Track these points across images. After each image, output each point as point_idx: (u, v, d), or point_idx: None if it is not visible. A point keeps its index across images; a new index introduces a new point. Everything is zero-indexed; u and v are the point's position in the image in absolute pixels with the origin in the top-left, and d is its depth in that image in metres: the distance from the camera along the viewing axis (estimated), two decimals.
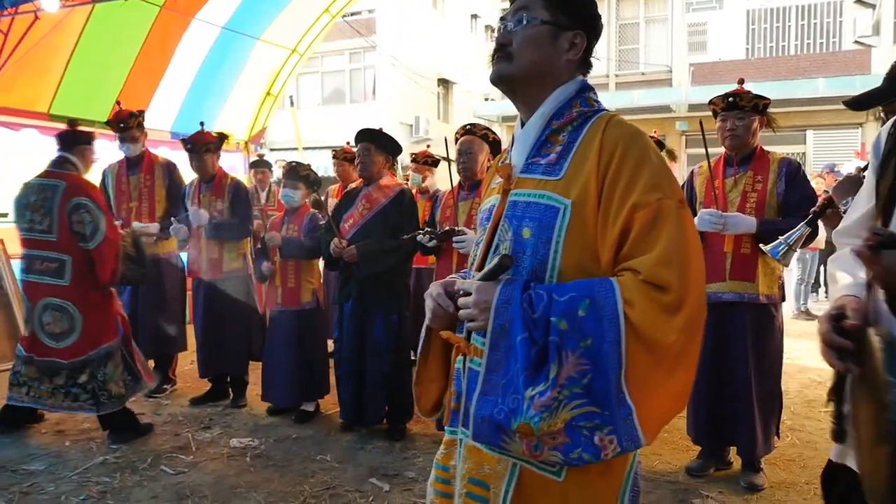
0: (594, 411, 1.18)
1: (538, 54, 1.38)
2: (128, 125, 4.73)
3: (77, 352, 3.81)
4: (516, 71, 1.39)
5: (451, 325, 1.47)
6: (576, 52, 1.40)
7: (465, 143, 3.69)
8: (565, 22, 1.39)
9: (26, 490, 3.27)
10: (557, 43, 1.39)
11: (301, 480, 3.40)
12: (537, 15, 1.38)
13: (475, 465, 1.37)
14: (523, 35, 1.39)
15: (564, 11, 1.39)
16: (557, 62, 1.40)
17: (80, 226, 3.76)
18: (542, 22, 1.38)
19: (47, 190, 3.81)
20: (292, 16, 7.69)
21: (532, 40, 1.38)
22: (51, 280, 3.81)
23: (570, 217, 1.29)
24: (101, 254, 3.79)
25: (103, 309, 3.93)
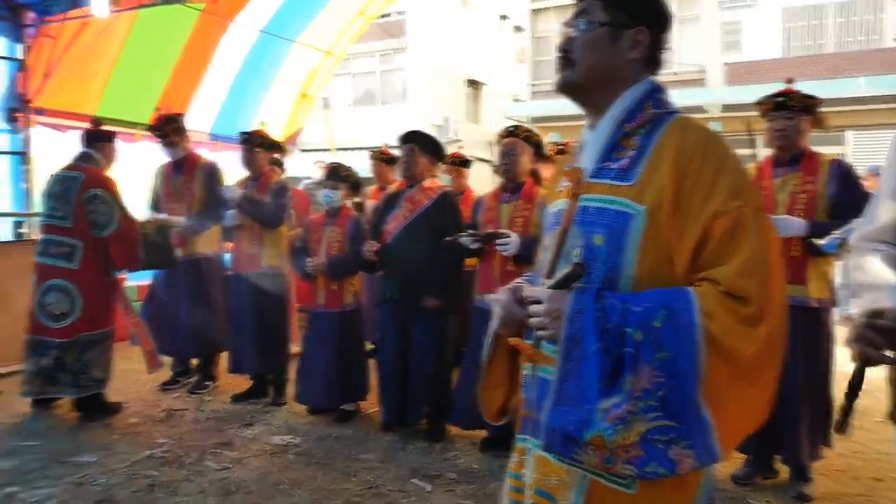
0: (670, 425, 1.16)
1: (598, 58, 1.37)
2: (164, 131, 4.82)
3: (70, 332, 4.09)
4: (578, 77, 1.38)
5: (518, 331, 1.46)
6: (639, 50, 1.37)
7: (508, 145, 3.70)
8: (625, 20, 1.36)
9: (78, 481, 3.36)
10: (618, 43, 1.36)
11: (344, 479, 3.44)
12: (595, 17, 1.36)
13: (542, 476, 1.36)
14: (582, 40, 1.37)
15: (624, 9, 1.36)
16: (620, 63, 1.37)
17: (95, 215, 4.10)
18: (599, 24, 1.36)
19: (68, 181, 4.16)
20: (327, 18, 7.79)
21: (591, 44, 1.37)
22: (62, 263, 4.13)
23: (645, 224, 1.27)
24: (114, 241, 4.14)
25: (104, 295, 4.25)
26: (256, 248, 4.54)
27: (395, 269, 3.95)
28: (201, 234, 4.83)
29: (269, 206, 4.50)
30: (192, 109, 7.06)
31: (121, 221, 4.16)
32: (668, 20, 1.43)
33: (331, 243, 4.27)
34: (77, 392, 4.13)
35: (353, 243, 4.24)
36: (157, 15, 6.24)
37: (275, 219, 4.53)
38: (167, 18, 6.38)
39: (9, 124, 6.01)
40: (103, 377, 4.22)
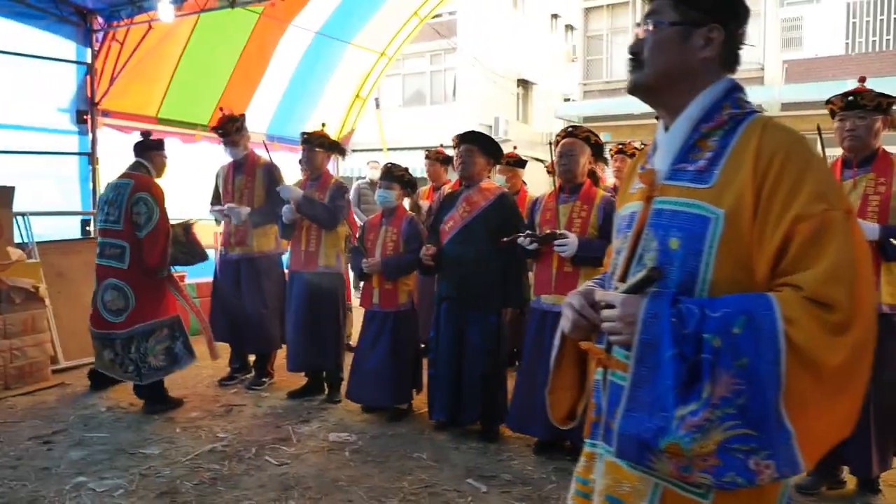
0: (750, 434, 1.13)
1: (668, 58, 1.33)
2: (227, 130, 4.93)
3: (128, 324, 4.42)
4: (648, 79, 1.36)
5: (589, 335, 1.44)
6: (713, 48, 1.33)
7: (567, 146, 3.66)
8: (697, 18, 1.32)
9: (144, 473, 3.47)
10: (689, 42, 1.33)
11: (399, 477, 3.46)
12: (664, 17, 1.34)
13: (613, 482, 1.34)
14: (652, 41, 1.35)
15: (694, 7, 1.32)
16: (692, 62, 1.34)
17: (138, 216, 4.38)
18: (669, 24, 1.33)
19: (121, 188, 4.48)
20: (382, 20, 7.87)
21: (661, 45, 1.34)
22: (115, 264, 4.44)
23: (724, 228, 1.23)
24: (149, 241, 4.39)
25: (154, 290, 4.51)
26: (314, 247, 4.60)
27: (451, 269, 3.95)
28: (259, 229, 4.92)
29: (327, 207, 4.57)
30: (249, 110, 7.22)
31: (158, 223, 4.40)
32: (746, 14, 1.39)
33: (386, 243, 4.31)
34: (139, 379, 4.43)
35: (408, 243, 4.26)
36: (217, 18, 6.41)
37: (333, 219, 4.59)
38: (227, 22, 6.54)
39: (77, 126, 6.26)
40: (162, 365, 4.47)
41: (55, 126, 6.12)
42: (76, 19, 6.05)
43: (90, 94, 6.24)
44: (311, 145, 4.63)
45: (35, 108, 5.93)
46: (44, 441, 3.89)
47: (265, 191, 4.95)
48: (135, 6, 5.83)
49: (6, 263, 4.87)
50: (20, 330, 4.91)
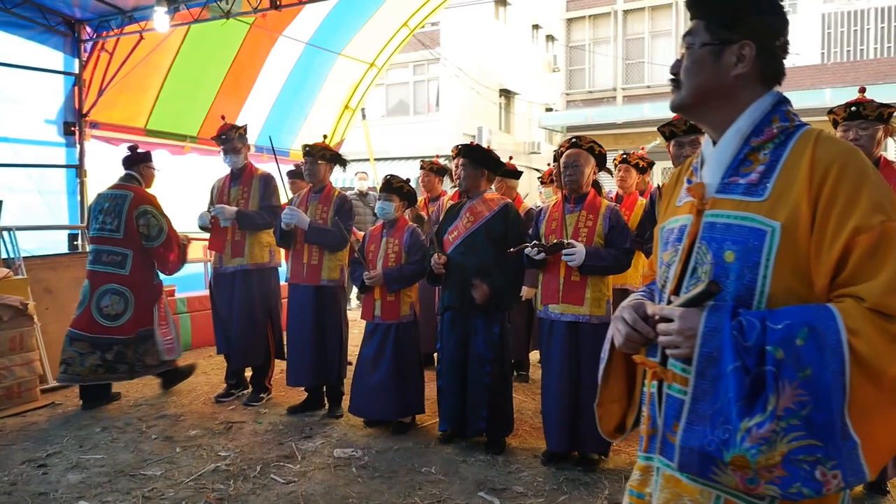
0: (815, 444, 1.13)
1: (702, 78, 1.36)
2: (229, 137, 4.87)
3: (128, 330, 4.75)
4: (685, 100, 1.39)
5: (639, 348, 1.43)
6: (745, 64, 1.34)
7: (572, 157, 3.66)
8: (727, 36, 1.34)
9: (147, 495, 3.37)
10: (721, 61, 1.35)
11: (409, 492, 3.41)
12: (696, 39, 1.37)
13: (673, 496, 1.34)
14: (686, 63, 1.38)
15: (725, 26, 1.34)
16: (726, 80, 1.35)
17: (146, 228, 4.77)
18: (701, 45, 1.36)
19: (118, 198, 4.79)
20: (372, 30, 7.86)
21: (694, 66, 1.37)
22: (115, 270, 4.76)
23: (780, 240, 1.23)
24: (165, 248, 4.84)
25: (153, 297, 4.90)
26: (317, 260, 4.54)
27: (455, 279, 3.92)
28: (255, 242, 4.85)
29: (334, 233, 4.50)
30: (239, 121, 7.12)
31: (168, 231, 4.84)
32: (783, 26, 1.38)
33: (388, 254, 4.26)
34: (130, 378, 4.88)
35: (410, 254, 4.22)
36: (208, 29, 6.34)
37: (342, 243, 4.55)
38: (218, 33, 6.47)
39: (65, 138, 6.13)
40: (155, 363, 4.90)
41: (42, 138, 5.99)
42: (64, 29, 5.94)
43: (78, 106, 6.12)
44: (314, 157, 4.58)
45: (21, 120, 5.80)
46: (39, 464, 3.76)
47: (260, 201, 4.89)
48: (125, 16, 5.74)
49: None
50: (8, 349, 4.77)
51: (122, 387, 5.37)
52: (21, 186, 5.80)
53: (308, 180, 4.68)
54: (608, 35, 17.02)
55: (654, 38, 16.56)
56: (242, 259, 4.87)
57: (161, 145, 6.91)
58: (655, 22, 16.52)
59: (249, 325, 4.87)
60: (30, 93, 5.84)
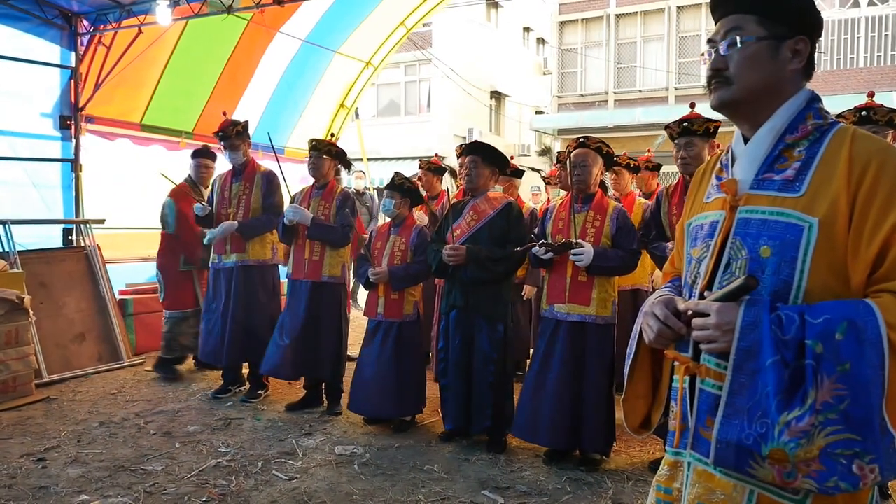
0: (853, 438, 1.14)
1: (760, 74, 1.34)
2: (227, 134, 4.85)
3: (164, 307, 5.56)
4: (738, 95, 1.36)
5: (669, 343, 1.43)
6: (800, 59, 1.36)
7: (580, 156, 3.68)
8: (784, 32, 1.34)
9: (149, 490, 3.35)
10: (779, 56, 1.34)
11: (413, 490, 3.41)
12: (751, 33, 1.34)
13: (705, 491, 1.34)
14: (741, 57, 1.35)
15: (782, 21, 1.34)
16: (782, 76, 1.35)
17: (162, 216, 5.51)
18: (757, 39, 1.34)
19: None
20: (369, 29, 7.84)
21: (751, 61, 1.34)
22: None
23: (818, 236, 1.24)
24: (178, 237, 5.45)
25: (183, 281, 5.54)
26: (318, 256, 4.53)
27: (459, 277, 3.92)
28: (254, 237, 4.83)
29: (336, 229, 4.50)
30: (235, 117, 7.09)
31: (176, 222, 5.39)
32: (822, 24, 1.42)
33: (394, 252, 4.26)
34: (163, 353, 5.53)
35: (416, 253, 4.22)
36: (206, 24, 6.30)
37: (344, 240, 4.55)
38: (216, 28, 6.43)
39: (61, 132, 6.06)
40: (190, 345, 5.52)
41: (38, 131, 5.91)
42: (61, 22, 5.87)
43: (74, 100, 6.05)
44: (319, 152, 4.57)
45: (17, 113, 5.72)
46: (37, 458, 3.73)
47: (262, 199, 4.86)
48: (123, 10, 5.69)
49: None
50: (3, 342, 4.71)
51: (118, 383, 5.34)
52: (16, 180, 5.73)
53: (311, 175, 4.66)
54: (600, 39, 17.11)
55: (646, 43, 16.66)
56: (243, 254, 4.84)
57: (156, 141, 6.86)
58: (648, 26, 16.62)
59: (248, 322, 4.84)
60: (26, 86, 5.77)
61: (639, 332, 1.53)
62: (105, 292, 5.86)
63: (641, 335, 1.51)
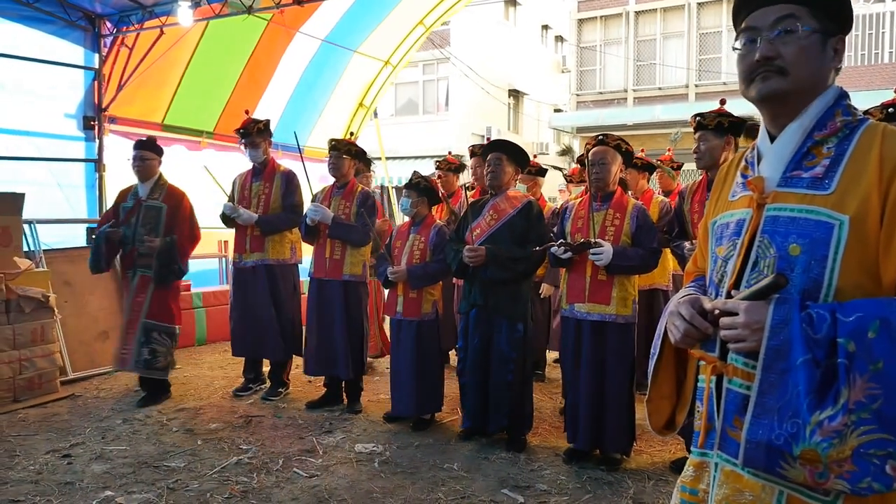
0: (887, 438, 1.12)
1: (814, 67, 1.32)
2: (249, 131, 4.88)
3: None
4: (793, 86, 1.32)
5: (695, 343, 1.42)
6: (839, 58, 1.35)
7: (599, 154, 3.65)
8: (833, 28, 1.32)
9: (172, 486, 3.38)
10: (826, 52, 1.33)
11: (433, 488, 3.41)
12: (808, 23, 1.31)
13: (733, 492, 1.32)
14: (798, 46, 1.31)
15: (833, 17, 1.32)
16: (826, 72, 1.34)
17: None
18: (813, 30, 1.31)
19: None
20: (388, 28, 7.85)
21: (809, 52, 1.31)
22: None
23: (849, 234, 1.23)
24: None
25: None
26: (339, 255, 4.55)
27: (479, 277, 3.92)
28: (275, 237, 4.86)
29: (357, 228, 4.52)
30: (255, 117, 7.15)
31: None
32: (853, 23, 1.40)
33: (413, 251, 4.27)
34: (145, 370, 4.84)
35: (435, 252, 4.22)
36: (226, 25, 6.36)
37: (364, 238, 4.56)
38: (236, 29, 6.49)
39: (84, 132, 6.15)
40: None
41: (62, 132, 6.00)
42: (84, 24, 5.96)
43: (97, 101, 6.13)
44: (339, 152, 4.59)
45: (41, 114, 5.82)
46: (63, 455, 3.78)
47: (282, 198, 4.89)
48: (145, 11, 5.75)
49: (15, 273, 4.75)
50: (29, 340, 4.79)
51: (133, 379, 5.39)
52: (41, 180, 5.82)
53: (332, 174, 4.68)
54: (619, 36, 16.99)
55: (665, 40, 16.51)
56: (263, 253, 4.88)
57: (178, 141, 6.93)
58: (667, 23, 16.47)
59: (269, 320, 4.87)
60: (50, 87, 5.86)
61: (663, 331, 1.52)
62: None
63: (666, 335, 1.50)
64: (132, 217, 4.76)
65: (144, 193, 4.80)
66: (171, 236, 4.69)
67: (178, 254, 4.71)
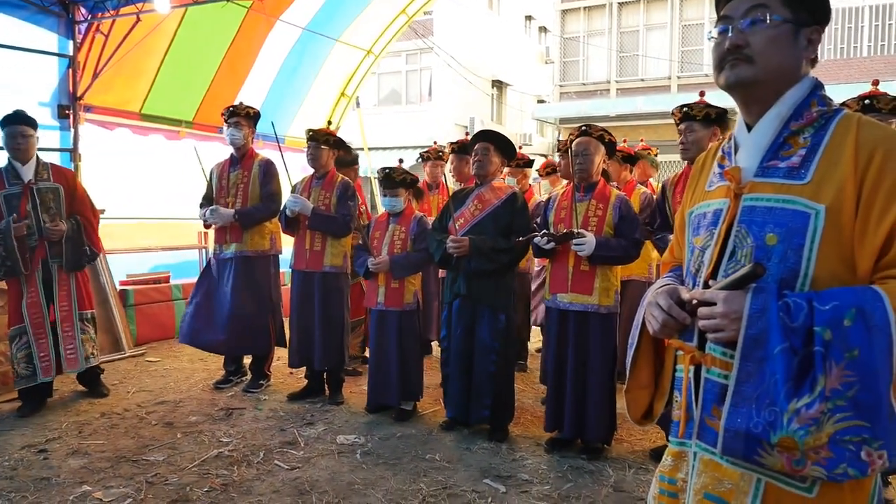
0: (862, 425, 1.14)
1: (782, 56, 1.32)
2: (237, 111, 4.81)
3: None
4: (760, 75, 1.33)
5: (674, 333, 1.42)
6: (813, 49, 1.35)
7: (582, 145, 3.65)
8: (805, 18, 1.33)
9: (151, 480, 3.34)
10: (798, 41, 1.33)
11: (415, 479, 3.40)
12: (778, 12, 1.32)
13: (712, 481, 1.33)
14: (765, 35, 1.32)
15: (804, 7, 1.33)
16: (798, 62, 1.34)
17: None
18: (783, 20, 1.32)
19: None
20: (370, 17, 7.78)
21: (777, 41, 1.32)
22: None
23: (825, 223, 1.24)
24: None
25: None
26: (319, 246, 4.52)
27: (462, 267, 3.90)
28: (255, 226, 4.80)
29: (337, 219, 4.49)
30: None
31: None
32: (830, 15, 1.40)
33: (394, 241, 4.24)
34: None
35: (416, 242, 4.20)
36: (205, 13, 6.25)
37: (345, 229, 4.53)
38: (215, 16, 6.38)
39: (59, 121, 6.03)
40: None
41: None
42: (58, 10, 5.81)
43: (72, 89, 6.00)
44: (318, 142, 4.55)
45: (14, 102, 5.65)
46: (39, 450, 3.72)
47: (260, 187, 4.83)
48: None
49: None
50: (4, 334, 4.69)
51: (119, 374, 5.34)
52: None
53: (310, 165, 4.64)
54: (603, 27, 17.00)
55: (648, 31, 16.56)
56: (241, 245, 4.81)
57: (156, 130, 6.82)
58: (650, 14, 16.51)
59: (248, 313, 4.82)
60: (23, 75, 5.71)
61: (641, 322, 1.52)
62: (106, 283, 5.85)
63: (644, 325, 1.50)
64: (27, 205, 4.24)
65: (29, 176, 4.29)
66: (75, 217, 4.45)
67: (86, 235, 4.48)
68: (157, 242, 7.05)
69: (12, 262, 4.17)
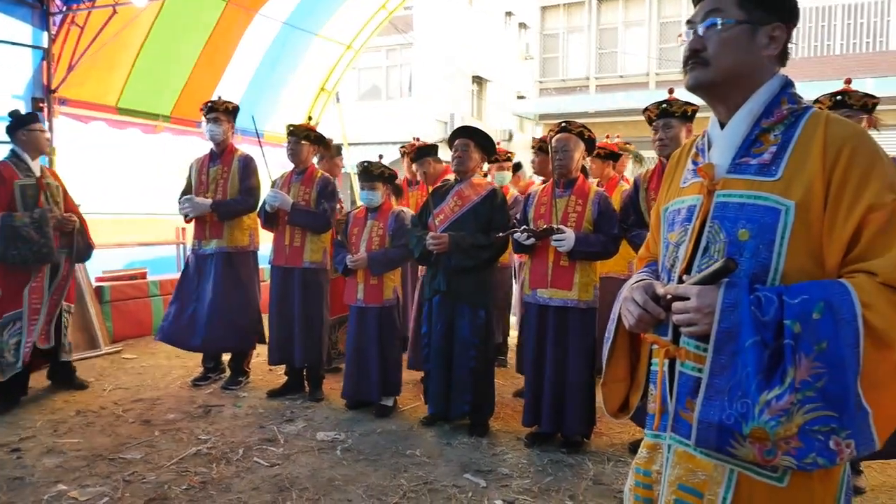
0: (830, 415, 1.17)
1: (737, 57, 1.35)
2: (216, 107, 4.77)
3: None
4: (716, 77, 1.37)
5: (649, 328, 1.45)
6: (776, 46, 1.37)
7: (561, 141, 3.67)
8: (762, 17, 1.35)
9: (128, 479, 3.31)
10: (755, 41, 1.36)
11: (395, 474, 3.41)
12: (731, 15, 1.35)
13: (686, 472, 1.36)
14: (719, 39, 1.35)
15: (760, 6, 1.35)
16: (757, 61, 1.37)
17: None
18: (737, 22, 1.34)
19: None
20: (350, 11, 7.74)
21: (729, 43, 1.35)
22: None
23: (795, 219, 1.27)
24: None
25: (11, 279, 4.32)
26: (299, 242, 4.50)
27: (442, 263, 3.91)
28: (234, 223, 4.76)
29: (317, 214, 4.48)
30: None
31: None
32: (799, 13, 1.42)
33: (372, 237, 4.23)
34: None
35: (394, 238, 4.20)
36: (182, 6, 6.18)
37: (325, 224, 4.51)
38: (192, 9, 6.31)
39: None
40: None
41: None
42: (32, 1, 5.71)
43: (47, 81, 5.90)
44: (297, 137, 4.52)
45: None
46: (12, 449, 3.67)
47: (239, 182, 4.79)
48: None
49: None
50: None
51: (95, 372, 5.27)
52: None
53: (290, 160, 4.61)
54: (582, 24, 17.06)
55: (627, 28, 16.65)
56: (221, 241, 4.77)
57: (133, 124, 6.72)
58: (629, 12, 16.60)
59: (228, 309, 4.78)
60: None
61: (618, 316, 1.55)
62: (81, 279, 5.76)
63: (620, 320, 1.53)
64: (42, 198, 4.33)
65: (38, 171, 4.41)
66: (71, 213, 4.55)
67: (85, 230, 4.62)
68: (134, 238, 6.96)
69: (48, 249, 4.24)
